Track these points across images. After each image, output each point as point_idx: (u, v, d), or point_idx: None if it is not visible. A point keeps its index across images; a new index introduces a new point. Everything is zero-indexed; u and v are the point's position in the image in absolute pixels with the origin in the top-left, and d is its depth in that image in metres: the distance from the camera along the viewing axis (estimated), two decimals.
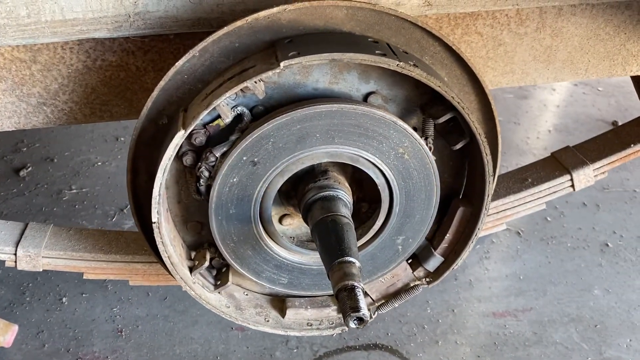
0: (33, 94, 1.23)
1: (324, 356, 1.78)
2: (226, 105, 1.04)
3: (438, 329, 1.83)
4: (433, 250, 1.24)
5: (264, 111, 1.08)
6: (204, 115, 1.00)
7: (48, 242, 1.35)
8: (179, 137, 1.01)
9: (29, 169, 2.37)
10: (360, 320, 0.92)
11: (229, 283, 1.20)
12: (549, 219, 2.23)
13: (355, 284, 0.94)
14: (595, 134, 1.60)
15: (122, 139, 2.51)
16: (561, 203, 2.25)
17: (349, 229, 1.06)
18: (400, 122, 1.06)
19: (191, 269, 1.18)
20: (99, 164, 2.38)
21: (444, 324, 1.85)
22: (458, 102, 1.03)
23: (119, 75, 1.22)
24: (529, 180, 1.51)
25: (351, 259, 0.99)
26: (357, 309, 0.91)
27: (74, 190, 2.25)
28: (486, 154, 1.10)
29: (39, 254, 1.33)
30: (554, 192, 1.51)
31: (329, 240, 1.03)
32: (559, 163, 1.51)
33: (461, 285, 1.97)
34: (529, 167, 1.54)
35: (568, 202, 2.28)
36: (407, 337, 1.81)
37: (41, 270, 1.37)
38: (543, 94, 2.88)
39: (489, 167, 1.12)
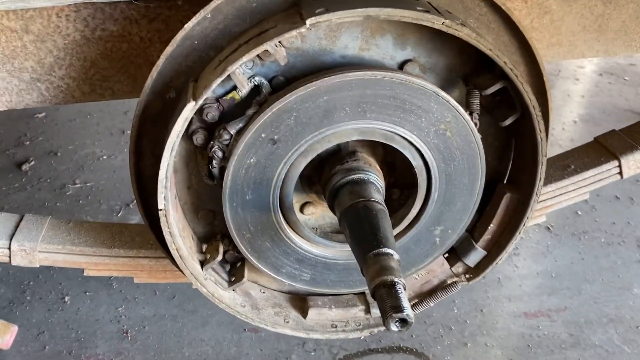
0: (26, 68, 1.08)
1: (344, 359, 1.62)
2: (242, 75, 0.89)
3: (466, 330, 1.66)
4: (474, 243, 1.08)
5: (284, 82, 0.92)
6: (217, 84, 0.84)
7: (45, 236, 1.20)
8: (189, 110, 0.85)
9: (32, 162, 2.24)
10: (404, 321, 0.77)
11: (244, 279, 1.05)
12: (579, 212, 2.06)
13: (396, 279, 0.78)
14: (624, 125, 1.44)
15: (129, 131, 2.37)
16: (592, 196, 2.07)
17: (384, 217, 0.90)
18: (443, 93, 0.90)
19: (202, 264, 1.03)
20: (104, 157, 2.24)
21: (472, 325, 1.68)
22: (511, 69, 0.87)
23: (121, 47, 1.07)
24: (572, 167, 1.34)
25: (389, 250, 0.83)
26: (399, 308, 0.75)
27: (78, 185, 2.11)
28: (540, 131, 0.94)
29: (35, 248, 1.19)
30: (600, 179, 1.35)
31: (361, 230, 0.87)
32: (605, 148, 1.35)
33: (489, 283, 1.80)
34: (571, 152, 1.38)
35: (599, 196, 2.11)
36: (433, 339, 1.64)
37: (38, 265, 1.23)
38: (566, 84, 2.71)
39: (542, 146, 0.96)
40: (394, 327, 0.77)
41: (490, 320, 1.72)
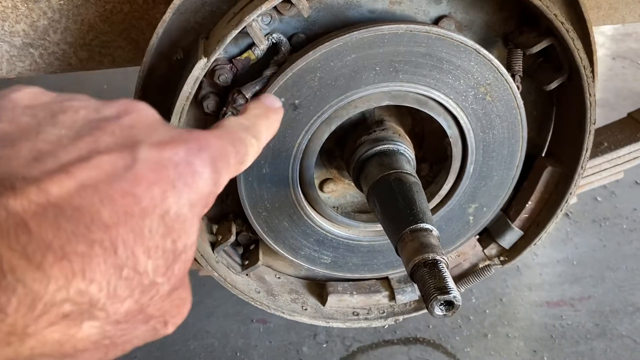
0: (17, 32, 0.96)
1: (357, 351, 1.51)
2: (260, 30, 0.78)
3: (486, 320, 1.56)
4: (510, 223, 0.98)
5: (305, 40, 0.81)
6: (232, 37, 0.73)
7: None
8: (200, 67, 0.74)
9: None
10: (450, 304, 0.66)
11: (259, 262, 0.94)
12: (599, 198, 1.96)
13: (438, 256, 0.68)
14: None
15: None
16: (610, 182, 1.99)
17: (419, 190, 0.79)
18: (484, 51, 0.80)
19: (213, 246, 0.92)
20: None
21: (492, 315, 1.58)
22: (562, 23, 0.77)
23: (122, 9, 0.96)
24: (605, 144, 1.24)
25: (427, 225, 0.72)
26: (445, 289, 0.65)
27: None
28: (590, 94, 0.83)
29: None
30: (636, 157, 1.24)
31: (395, 204, 0.77)
32: None
33: (508, 272, 1.70)
34: (603, 129, 1.27)
35: (618, 181, 2.00)
36: (452, 329, 1.54)
37: None
38: None
39: (591, 113, 0.85)
40: (438, 312, 0.66)
41: (511, 310, 1.62)
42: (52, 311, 0.32)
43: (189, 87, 0.75)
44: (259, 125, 0.47)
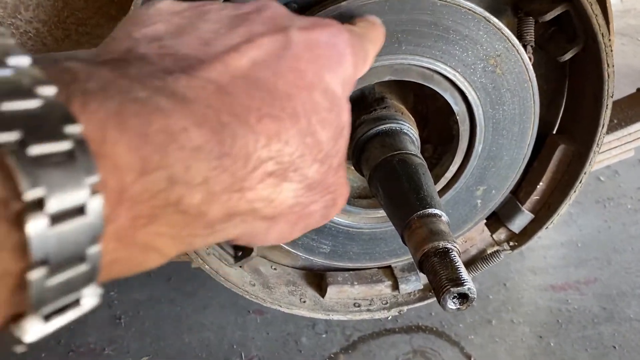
0: None
1: (358, 341, 1.45)
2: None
3: (489, 306, 1.50)
4: (520, 205, 0.91)
5: (298, 10, 0.74)
6: None
7: None
8: None
9: None
10: (464, 297, 0.60)
11: (253, 254, 0.87)
12: (602, 178, 1.90)
13: (449, 244, 0.61)
14: None
15: None
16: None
17: (425, 172, 0.72)
18: (494, 19, 0.72)
19: None
20: None
21: (495, 301, 1.52)
22: None
23: None
24: (615, 120, 1.18)
25: (436, 210, 0.66)
26: (458, 280, 0.58)
27: None
28: (608, 65, 0.77)
29: None
30: None
31: (399, 188, 0.70)
32: None
33: (511, 255, 1.63)
34: (613, 105, 1.21)
35: (621, 161, 1.95)
36: (454, 316, 1.48)
37: None
38: None
39: (609, 85, 0.79)
40: (451, 305, 0.60)
41: (515, 294, 1.57)
42: (261, 167, 0.35)
43: None
44: (370, 33, 0.50)
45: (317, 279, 0.97)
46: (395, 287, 0.96)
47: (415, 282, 0.96)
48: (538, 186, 0.89)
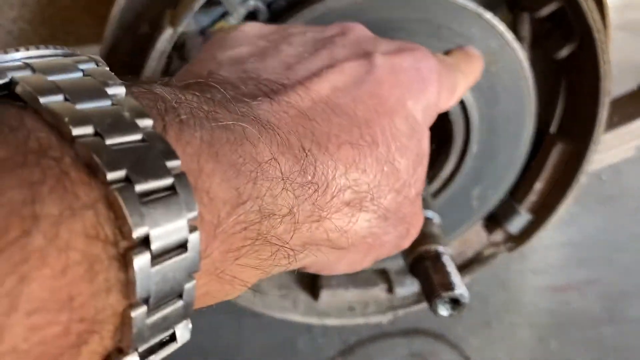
0: None
1: (355, 345, 1.44)
2: None
3: (489, 308, 1.49)
4: (517, 206, 0.90)
5: (286, 7, 0.73)
6: (201, 5, 0.64)
7: None
8: (166, 40, 0.65)
9: None
10: (456, 302, 0.58)
11: None
12: (603, 177, 1.88)
13: (441, 248, 0.60)
14: None
15: None
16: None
17: None
18: (488, 15, 0.71)
19: None
20: None
21: (495, 303, 1.50)
22: None
23: None
24: (615, 118, 1.16)
25: (428, 213, 0.64)
26: (449, 285, 0.57)
27: None
28: (604, 62, 0.75)
29: None
30: None
31: None
32: None
33: (510, 256, 1.63)
34: (614, 102, 1.20)
35: (623, 159, 1.93)
36: (453, 319, 1.47)
37: None
38: None
39: (604, 83, 0.77)
40: (443, 312, 0.58)
41: (515, 296, 1.55)
42: (339, 196, 0.35)
43: (154, 61, 0.66)
44: (462, 64, 0.50)
45: (310, 283, 0.96)
46: (390, 290, 0.95)
47: (411, 285, 0.95)
48: (535, 186, 0.88)
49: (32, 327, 0.21)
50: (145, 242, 0.25)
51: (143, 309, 0.25)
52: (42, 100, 0.25)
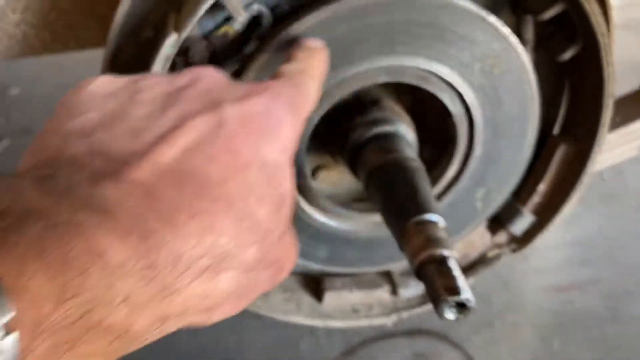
0: None
1: (358, 346, 1.44)
2: (238, 1, 0.70)
3: (492, 308, 1.49)
4: (520, 208, 0.90)
5: (290, 11, 0.73)
6: (205, 10, 0.65)
7: None
8: (171, 45, 0.66)
9: (6, 143, 2.04)
10: (462, 306, 0.59)
11: None
12: (605, 177, 1.89)
13: (446, 252, 0.60)
14: None
15: None
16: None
17: (422, 176, 0.71)
18: (492, 18, 0.71)
19: None
20: None
21: (498, 303, 1.51)
22: None
23: None
24: (617, 119, 1.16)
25: (433, 217, 0.65)
26: (455, 289, 0.57)
27: None
28: (607, 64, 0.76)
29: None
30: None
31: (396, 193, 0.69)
32: None
33: (513, 256, 1.64)
34: (616, 102, 1.20)
35: (625, 159, 1.94)
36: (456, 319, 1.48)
37: None
38: None
39: (608, 84, 0.78)
40: (449, 315, 0.59)
41: (518, 296, 1.55)
42: (193, 266, 0.35)
43: (159, 66, 0.67)
44: (310, 66, 0.50)
45: (314, 285, 0.96)
46: (394, 292, 0.95)
47: (416, 287, 0.96)
48: (539, 187, 0.88)
49: None
50: None
51: None
52: None
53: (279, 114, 0.42)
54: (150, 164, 0.35)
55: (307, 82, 0.48)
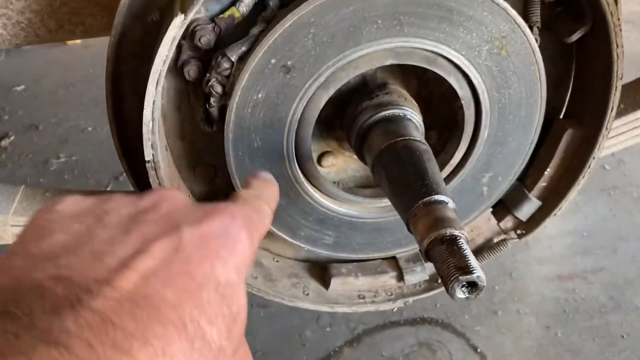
0: None
1: (363, 334, 1.43)
2: None
3: (495, 297, 1.48)
4: (527, 192, 0.89)
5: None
6: None
7: (18, 207, 1.00)
8: (177, 26, 0.64)
9: (12, 138, 2.03)
10: (473, 285, 0.58)
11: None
12: (607, 167, 1.87)
13: (456, 232, 0.59)
14: None
15: None
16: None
17: (430, 158, 0.70)
18: None
19: None
20: (90, 129, 2.02)
21: (501, 291, 1.50)
22: None
23: None
24: (622, 106, 1.15)
25: (442, 197, 0.63)
26: (467, 268, 0.56)
27: (62, 159, 1.90)
28: (617, 45, 0.74)
29: (6, 222, 0.99)
30: None
31: (404, 175, 0.68)
32: None
33: (516, 245, 1.61)
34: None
35: (626, 148, 1.92)
36: (460, 308, 1.46)
37: (10, 242, 1.04)
38: None
39: (618, 66, 0.76)
40: (460, 294, 0.58)
41: (521, 285, 1.54)
42: None
43: (166, 48, 0.65)
44: (265, 193, 0.52)
45: (321, 271, 0.95)
46: (401, 278, 0.94)
47: (421, 273, 0.94)
48: (546, 172, 0.87)
49: None
50: None
51: None
52: None
53: (235, 232, 0.43)
54: (111, 290, 0.36)
55: (262, 205, 0.50)
